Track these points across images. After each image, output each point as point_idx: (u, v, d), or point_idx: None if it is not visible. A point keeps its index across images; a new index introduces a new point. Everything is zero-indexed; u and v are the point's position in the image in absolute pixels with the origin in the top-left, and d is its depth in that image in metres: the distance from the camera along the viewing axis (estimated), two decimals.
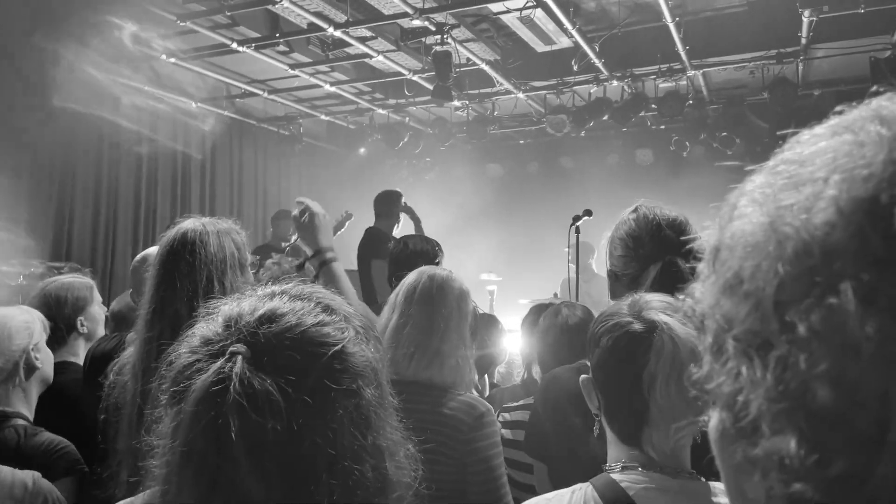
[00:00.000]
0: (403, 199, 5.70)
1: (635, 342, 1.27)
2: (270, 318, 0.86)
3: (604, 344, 1.31)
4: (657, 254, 1.72)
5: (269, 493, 0.78)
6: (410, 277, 2.13)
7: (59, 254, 6.61)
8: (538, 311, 3.52)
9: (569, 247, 4.92)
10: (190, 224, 1.91)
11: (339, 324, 0.88)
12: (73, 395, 2.54)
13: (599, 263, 6.91)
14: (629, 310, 1.33)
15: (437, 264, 3.28)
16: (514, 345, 3.95)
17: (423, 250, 3.29)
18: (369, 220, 6.59)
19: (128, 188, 7.50)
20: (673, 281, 1.65)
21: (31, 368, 2.28)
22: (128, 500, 1.04)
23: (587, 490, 1.26)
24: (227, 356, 0.81)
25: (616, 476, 1.27)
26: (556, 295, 6.37)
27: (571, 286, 5.09)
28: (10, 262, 5.82)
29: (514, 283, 8.21)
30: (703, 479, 1.26)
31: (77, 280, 2.90)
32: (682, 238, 1.74)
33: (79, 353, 2.82)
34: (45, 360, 2.37)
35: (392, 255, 3.33)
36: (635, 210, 1.85)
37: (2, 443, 2.08)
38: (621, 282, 1.82)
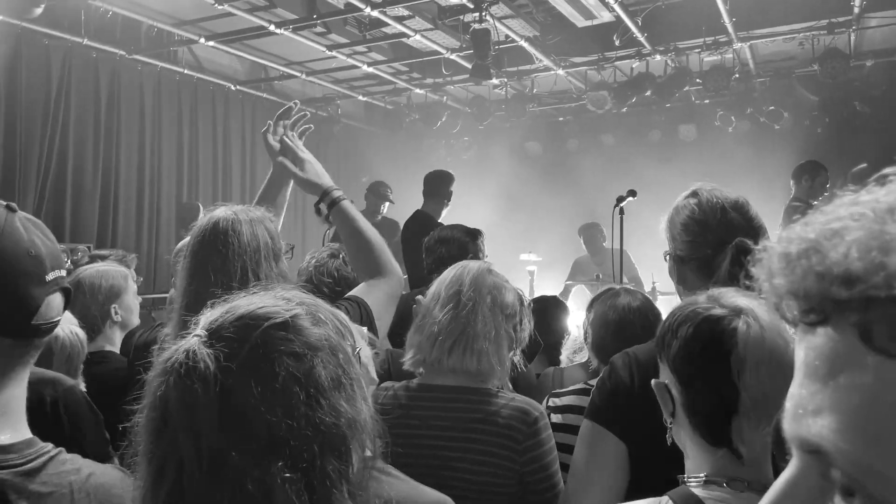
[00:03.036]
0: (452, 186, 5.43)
1: (719, 326, 1.21)
2: (230, 310, 0.96)
3: (684, 333, 1.24)
4: (725, 237, 1.72)
5: (197, 445, 0.86)
6: (449, 272, 2.09)
7: (104, 239, 6.72)
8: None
9: (612, 228, 4.82)
10: (221, 213, 1.82)
11: (292, 306, 0.97)
12: (115, 386, 2.54)
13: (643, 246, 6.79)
14: (706, 300, 1.27)
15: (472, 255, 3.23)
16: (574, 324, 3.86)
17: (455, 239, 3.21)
18: (408, 201, 6.56)
19: (170, 173, 7.59)
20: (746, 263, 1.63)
21: None
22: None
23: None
24: (189, 339, 0.92)
25: (697, 491, 1.19)
26: (598, 277, 6.27)
27: (616, 269, 5.00)
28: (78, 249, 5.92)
29: (554, 263, 8.12)
30: None
31: (112, 268, 2.87)
32: (747, 219, 1.75)
33: (115, 342, 2.81)
34: None
35: (434, 256, 3.25)
36: (695, 194, 1.81)
37: None
38: (689, 266, 1.81)
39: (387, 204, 6.78)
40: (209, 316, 0.97)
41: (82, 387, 2.33)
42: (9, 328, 1.12)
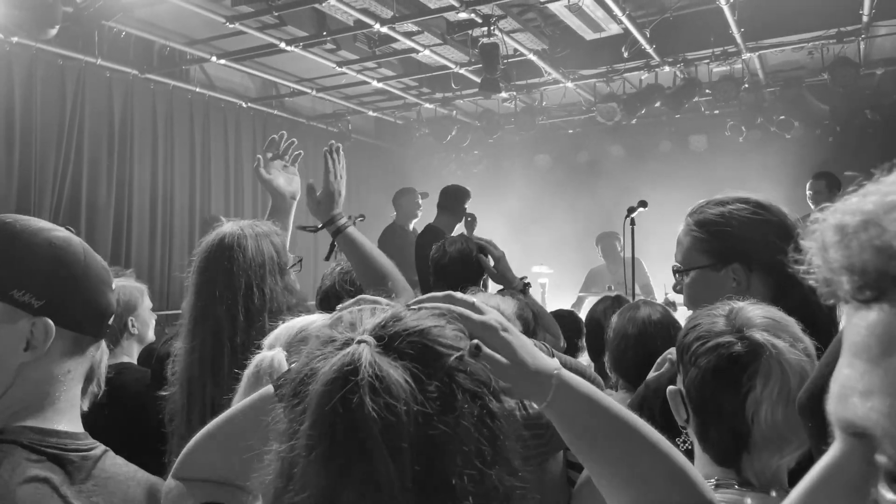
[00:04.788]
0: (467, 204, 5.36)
1: (739, 366, 1.18)
2: (393, 318, 0.86)
3: (703, 365, 1.22)
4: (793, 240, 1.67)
5: (402, 478, 0.77)
6: None
7: (119, 257, 6.77)
8: (603, 303, 3.41)
9: (623, 238, 4.82)
10: (227, 229, 1.87)
11: (460, 333, 0.88)
12: (135, 395, 2.57)
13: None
14: (727, 325, 1.23)
15: (482, 267, 3.20)
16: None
17: (462, 252, 3.19)
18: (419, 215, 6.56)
19: (183, 191, 7.64)
20: None
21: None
22: None
23: None
24: (354, 344, 0.82)
25: None
26: (610, 287, 6.26)
27: (627, 279, 4.99)
28: None
29: (566, 275, 8.11)
30: None
31: (128, 283, 2.94)
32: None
33: (132, 355, 2.87)
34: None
35: (433, 260, 3.24)
36: (745, 200, 1.69)
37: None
38: (764, 275, 1.63)
39: (420, 200, 6.59)
40: (364, 324, 0.86)
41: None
42: (96, 329, 1.29)
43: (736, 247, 1.65)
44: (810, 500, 0.49)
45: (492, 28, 6.14)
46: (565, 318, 3.58)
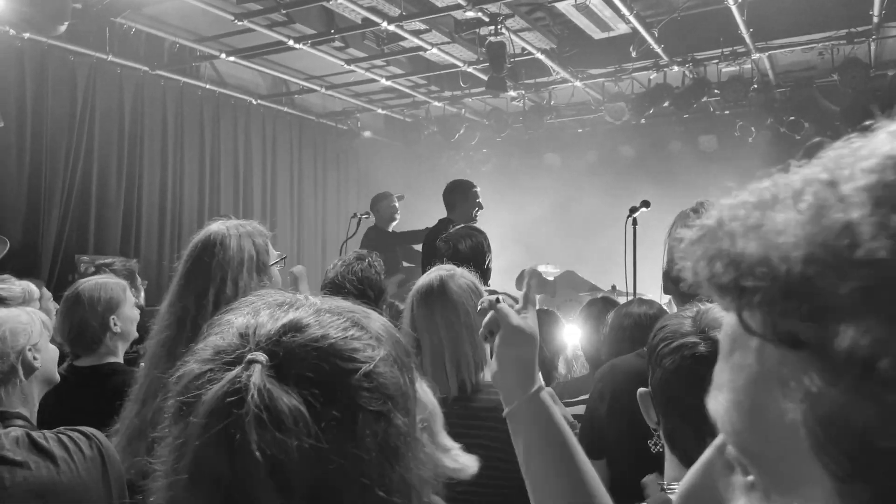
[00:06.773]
0: (477, 190, 5.13)
1: (703, 366, 1.16)
2: (294, 327, 0.76)
3: (667, 365, 1.23)
4: None
5: None
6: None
7: (128, 251, 6.83)
8: (595, 304, 3.50)
9: (625, 238, 4.81)
10: (214, 227, 2.04)
11: (369, 341, 0.79)
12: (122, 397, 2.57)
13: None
14: (693, 326, 1.25)
15: (487, 260, 3.23)
16: (573, 338, 3.88)
17: (475, 246, 3.22)
18: (426, 213, 6.57)
19: (192, 186, 7.70)
20: None
21: (29, 369, 2.19)
22: None
23: None
24: (243, 364, 0.72)
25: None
26: (614, 287, 6.26)
27: (628, 280, 4.98)
28: (82, 260, 6.04)
29: (573, 275, 8.10)
30: None
31: (111, 280, 2.94)
32: None
33: (118, 354, 2.83)
34: (46, 360, 2.27)
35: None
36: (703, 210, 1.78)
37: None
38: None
39: (397, 203, 6.61)
40: (261, 332, 0.76)
41: None
42: None
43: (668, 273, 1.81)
44: (695, 483, 0.53)
45: (499, 27, 6.15)
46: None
